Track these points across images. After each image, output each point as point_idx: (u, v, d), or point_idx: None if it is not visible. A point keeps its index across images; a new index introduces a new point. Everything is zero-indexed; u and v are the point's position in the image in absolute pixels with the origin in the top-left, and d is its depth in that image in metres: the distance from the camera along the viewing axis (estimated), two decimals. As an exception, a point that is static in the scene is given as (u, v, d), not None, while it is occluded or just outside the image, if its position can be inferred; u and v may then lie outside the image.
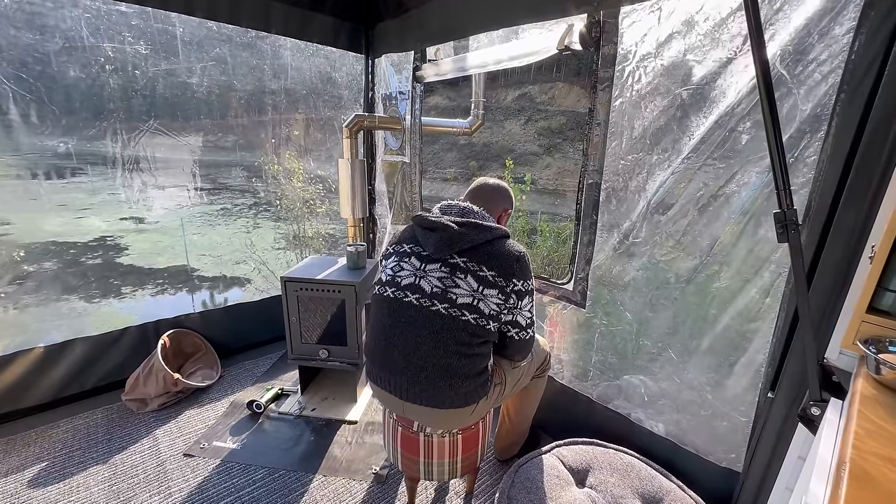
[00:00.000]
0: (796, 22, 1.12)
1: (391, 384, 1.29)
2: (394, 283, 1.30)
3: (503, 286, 1.23)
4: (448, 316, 1.20)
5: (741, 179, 1.28)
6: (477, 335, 1.23)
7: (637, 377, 1.65)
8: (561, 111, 23.90)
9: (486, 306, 1.22)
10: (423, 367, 1.22)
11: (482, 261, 1.23)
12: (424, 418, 1.34)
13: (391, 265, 1.34)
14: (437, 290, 1.22)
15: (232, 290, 2.81)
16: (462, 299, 1.21)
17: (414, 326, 1.23)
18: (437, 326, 1.21)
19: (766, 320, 1.28)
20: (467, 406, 1.28)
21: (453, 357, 1.21)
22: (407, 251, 1.33)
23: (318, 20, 2.45)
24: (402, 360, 1.25)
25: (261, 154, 2.75)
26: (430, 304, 1.22)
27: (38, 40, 1.82)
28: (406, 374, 1.25)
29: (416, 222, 1.33)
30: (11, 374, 1.93)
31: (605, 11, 1.47)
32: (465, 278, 1.22)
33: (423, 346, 1.22)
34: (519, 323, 1.32)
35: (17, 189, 1.94)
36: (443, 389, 1.23)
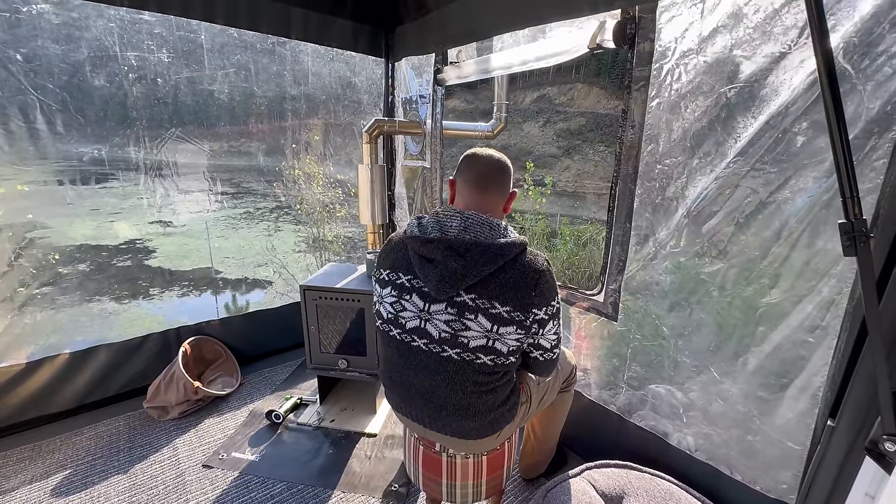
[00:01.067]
0: (863, 11, 1.01)
1: (412, 415, 1.22)
2: (398, 325, 1.13)
3: (521, 321, 1.05)
4: (461, 361, 1.07)
5: (796, 185, 1.16)
6: (496, 373, 1.11)
7: (674, 395, 1.54)
8: (580, 112, 23.54)
9: (504, 345, 1.06)
10: (443, 406, 1.14)
11: (493, 296, 1.03)
12: (449, 444, 1.27)
13: (390, 300, 1.14)
14: (446, 335, 1.06)
15: (254, 293, 2.82)
16: (475, 342, 1.05)
17: (426, 371, 1.12)
18: (450, 372, 1.09)
19: (825, 340, 1.16)
20: (493, 434, 1.21)
21: (472, 396, 1.11)
22: (406, 285, 1.11)
23: (337, 24, 2.42)
24: (420, 398, 1.16)
25: (281, 159, 2.74)
26: (440, 350, 1.08)
27: (65, 51, 1.84)
28: (426, 410, 1.17)
29: (412, 247, 1.10)
30: (38, 380, 1.96)
31: (641, 6, 1.37)
32: (475, 318, 1.04)
33: (439, 390, 1.12)
34: (542, 346, 1.17)
35: (55, 195, 1.99)
36: (466, 422, 1.15)
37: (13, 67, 1.73)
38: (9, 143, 1.78)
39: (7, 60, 1.72)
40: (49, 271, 1.98)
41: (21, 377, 1.91)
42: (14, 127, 1.78)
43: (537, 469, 1.75)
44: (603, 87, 23.39)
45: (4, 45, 1.70)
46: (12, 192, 1.85)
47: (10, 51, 1.72)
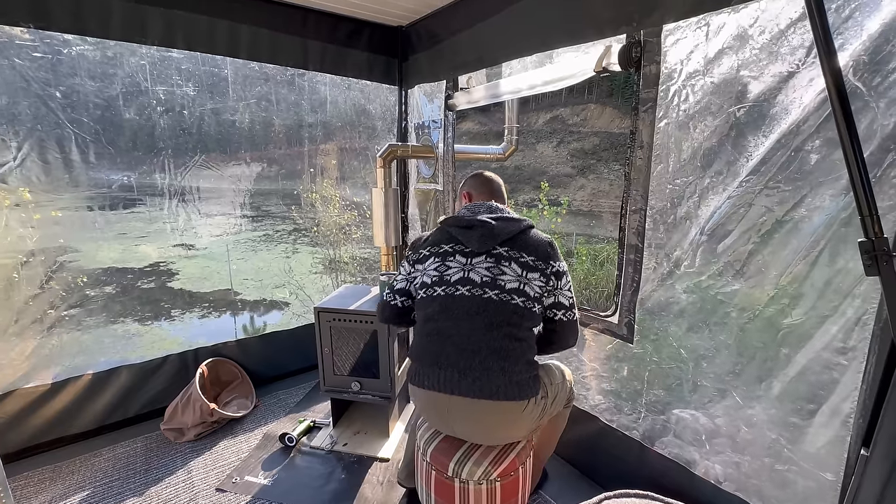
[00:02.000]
0: (870, 29, 1.01)
1: (441, 379, 1.28)
2: (443, 282, 1.35)
3: (543, 269, 1.33)
4: (500, 301, 1.28)
5: (812, 203, 1.14)
6: (525, 318, 1.30)
7: (696, 421, 1.48)
8: (594, 132, 23.61)
9: (532, 289, 1.31)
10: (477, 350, 1.26)
11: (521, 248, 1.35)
12: (473, 417, 1.29)
13: (433, 266, 1.39)
14: (487, 279, 1.31)
15: (271, 314, 2.86)
16: (510, 284, 1.30)
17: (468, 315, 1.29)
18: (490, 311, 1.28)
19: (853, 363, 1.11)
20: (520, 400, 1.27)
21: (506, 339, 1.26)
22: (448, 250, 1.39)
23: (352, 56, 2.53)
24: (455, 350, 1.28)
25: (299, 182, 2.82)
26: (481, 293, 1.30)
27: (100, 87, 1.97)
28: (459, 365, 1.26)
29: (453, 223, 1.42)
30: (62, 401, 2.01)
31: (645, 31, 1.40)
32: (509, 265, 1.32)
33: (477, 332, 1.27)
34: (562, 304, 1.38)
35: (85, 220, 2.09)
36: (497, 376, 1.25)
37: (52, 104, 1.86)
38: (45, 173, 1.89)
39: (48, 97, 1.85)
40: (77, 293, 2.06)
41: (46, 398, 1.97)
42: (51, 158, 1.90)
43: None
44: (616, 107, 23.48)
45: (46, 84, 1.83)
46: (47, 218, 1.95)
47: (50, 88, 1.85)
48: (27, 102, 1.81)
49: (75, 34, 1.82)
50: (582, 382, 1.84)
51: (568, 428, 1.87)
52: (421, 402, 1.38)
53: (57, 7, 1.72)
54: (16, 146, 1.81)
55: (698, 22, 1.28)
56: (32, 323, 1.95)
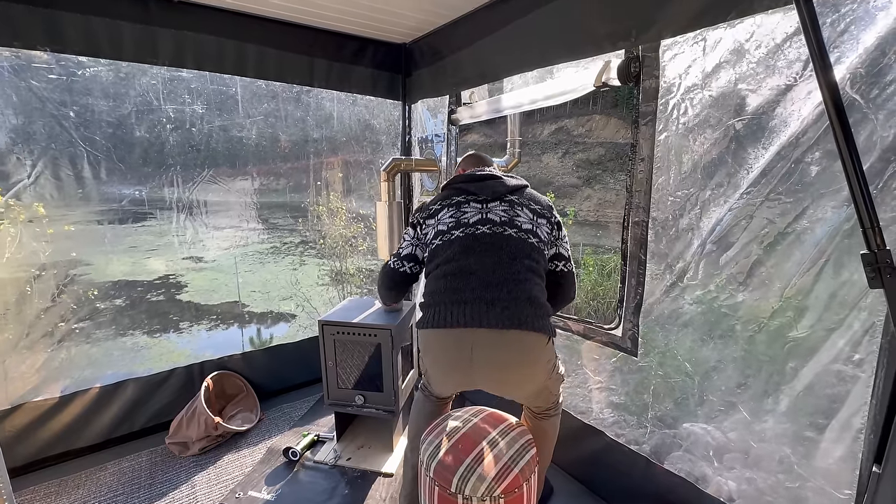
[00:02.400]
0: (866, 42, 1.01)
1: (466, 314, 1.26)
2: (460, 225, 1.40)
3: (549, 217, 1.46)
4: (518, 239, 1.36)
5: (814, 215, 1.13)
6: (542, 256, 1.39)
7: (703, 436, 1.45)
8: (599, 143, 23.64)
9: (542, 232, 1.41)
10: (504, 282, 1.29)
11: (529, 198, 1.47)
12: (499, 351, 1.28)
13: (448, 215, 1.44)
14: (505, 219, 1.39)
15: (278, 326, 2.87)
16: (525, 225, 1.40)
17: (491, 249, 1.34)
18: (512, 246, 1.35)
19: (862, 378, 1.09)
20: (545, 334, 1.29)
21: (528, 273, 1.32)
22: (461, 200, 1.46)
23: (357, 72, 2.58)
24: (481, 284, 1.29)
25: (306, 195, 2.86)
26: (502, 231, 1.37)
27: (112, 106, 2.03)
28: (485, 297, 1.27)
29: (461, 179, 1.52)
30: (69, 414, 2.03)
31: (643, 46, 1.42)
32: (522, 210, 1.43)
33: (503, 264, 1.31)
34: (563, 255, 1.49)
35: (96, 234, 2.13)
36: (524, 306, 1.26)
37: (66, 123, 1.92)
38: (58, 189, 1.94)
39: (62, 117, 1.90)
40: (87, 306, 2.09)
41: (54, 411, 1.99)
42: (63, 175, 1.95)
43: None
44: (620, 118, 23.52)
45: (61, 105, 1.89)
46: (60, 232, 1.99)
47: (64, 108, 1.91)
48: (42, 122, 1.87)
49: (89, 56, 1.88)
50: (587, 396, 1.82)
51: (574, 442, 1.84)
52: (437, 346, 1.36)
53: (71, 30, 1.78)
54: (30, 164, 1.86)
55: (695, 37, 1.30)
56: (43, 336, 1.98)
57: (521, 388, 1.39)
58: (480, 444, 1.42)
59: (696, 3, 1.26)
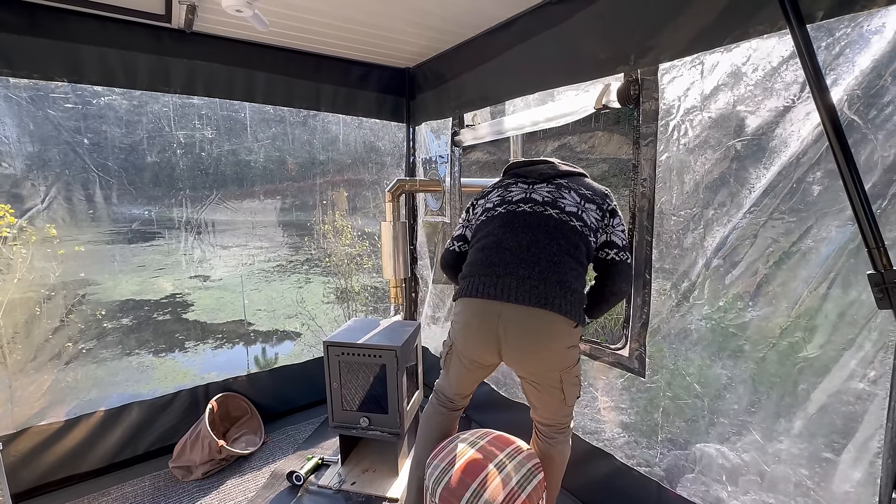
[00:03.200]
0: (862, 65, 1.03)
1: (498, 286, 1.32)
2: (504, 202, 1.46)
3: (600, 203, 1.42)
4: (559, 220, 1.37)
5: (818, 234, 1.13)
6: (582, 241, 1.36)
7: (717, 458, 1.41)
8: (602, 159, 23.75)
9: (589, 217, 1.39)
10: (537, 261, 1.32)
11: (580, 184, 1.47)
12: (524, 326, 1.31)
13: (496, 194, 1.52)
14: (549, 199, 1.41)
15: (283, 345, 2.87)
16: (569, 208, 1.39)
17: (529, 227, 1.37)
18: (550, 227, 1.36)
19: (876, 399, 1.07)
20: (571, 318, 1.29)
21: (565, 256, 1.32)
22: (510, 182, 1.54)
23: (363, 96, 2.65)
24: (514, 260, 1.33)
25: (312, 214, 2.90)
26: (542, 210, 1.39)
27: (125, 133, 2.09)
28: (517, 273, 1.31)
29: (519, 164, 1.61)
30: (74, 439, 2.02)
31: (642, 70, 1.45)
32: (569, 193, 1.43)
33: (539, 243, 1.34)
34: (615, 243, 1.42)
35: (105, 253, 2.15)
36: (554, 288, 1.29)
37: (80, 150, 1.98)
38: (70, 214, 1.99)
39: (76, 144, 1.96)
40: (95, 327, 2.11)
41: (58, 435, 1.98)
42: (76, 200, 1.99)
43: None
44: (623, 134, 23.65)
45: (76, 132, 1.95)
46: (70, 253, 2.02)
47: (79, 136, 1.97)
48: (57, 149, 1.93)
49: (105, 86, 1.95)
50: (596, 418, 1.79)
51: (583, 466, 1.80)
52: (466, 314, 1.40)
53: (88, 62, 1.85)
54: (44, 190, 1.91)
55: (692, 61, 1.32)
56: (51, 359, 1.99)
57: (539, 363, 1.38)
58: (487, 467, 1.40)
59: (692, 29, 1.29)
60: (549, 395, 1.44)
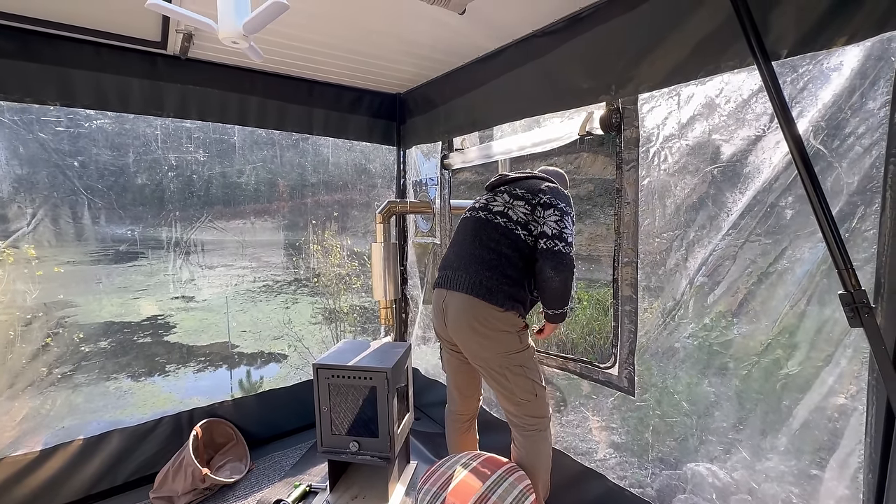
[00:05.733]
0: (824, 99, 1.11)
1: (445, 278, 1.68)
2: (471, 209, 1.78)
3: (529, 199, 1.62)
4: (485, 220, 1.66)
5: (793, 255, 1.19)
6: (506, 236, 1.60)
7: (708, 477, 1.43)
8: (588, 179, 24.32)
9: (515, 213, 1.62)
10: (470, 259, 1.62)
11: (519, 186, 1.70)
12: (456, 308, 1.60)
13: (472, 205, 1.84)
14: (483, 204, 1.74)
15: (269, 367, 2.81)
16: (496, 208, 1.67)
17: (468, 231, 1.71)
18: (479, 227, 1.66)
19: (854, 415, 1.10)
20: (495, 305, 1.54)
21: (486, 250, 1.60)
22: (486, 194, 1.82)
23: (354, 121, 2.70)
24: (457, 258, 1.68)
25: (302, 234, 2.90)
26: (489, 218, 1.67)
27: (115, 156, 2.09)
28: (456, 269, 1.64)
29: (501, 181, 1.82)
30: (49, 469, 1.93)
31: (623, 99, 1.52)
32: (501, 196, 1.70)
33: (471, 242, 1.66)
34: (545, 233, 1.55)
35: (86, 274, 2.11)
36: (475, 278, 1.57)
37: (70, 172, 1.97)
38: (56, 237, 1.96)
39: (66, 167, 1.96)
40: (73, 351, 2.04)
41: (33, 466, 1.90)
42: (63, 223, 1.97)
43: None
44: (608, 155, 24.25)
45: (66, 155, 1.95)
46: (49, 274, 1.97)
47: (69, 158, 1.96)
48: (46, 172, 1.92)
49: (97, 109, 1.96)
50: (587, 438, 1.79)
51: (574, 489, 1.80)
52: (433, 300, 1.77)
53: (81, 86, 1.87)
54: (31, 213, 1.89)
55: (669, 92, 1.40)
56: (28, 386, 1.92)
57: (473, 342, 1.61)
58: (479, 489, 1.39)
59: (668, 63, 1.37)
60: (497, 384, 1.64)
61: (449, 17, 1.65)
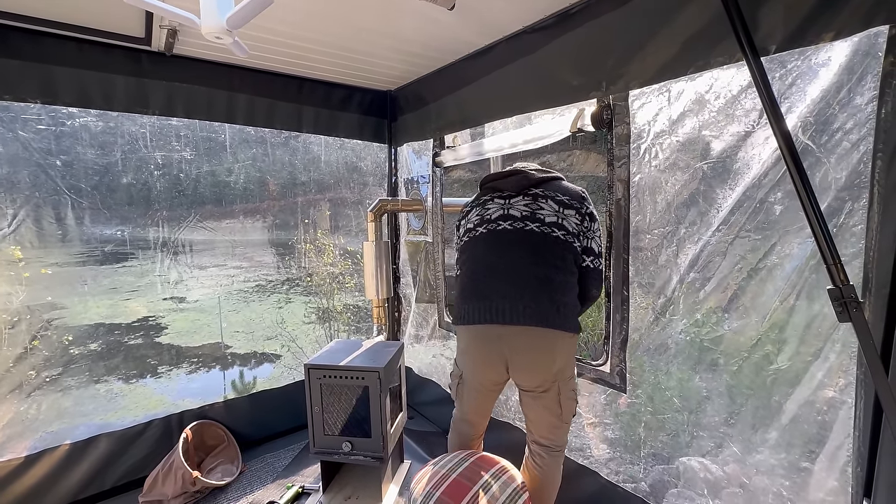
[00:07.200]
0: (812, 94, 1.11)
1: (491, 312, 1.36)
2: (483, 222, 1.46)
3: (578, 208, 1.45)
4: (541, 233, 1.39)
5: (782, 251, 1.19)
6: (567, 250, 1.40)
7: (700, 471, 1.43)
8: (581, 176, 24.45)
9: (569, 224, 1.42)
10: (526, 282, 1.35)
11: (557, 189, 1.47)
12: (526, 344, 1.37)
13: (475, 214, 1.52)
14: (527, 213, 1.42)
15: (262, 367, 2.79)
16: (549, 218, 1.41)
17: (512, 247, 1.39)
18: (533, 242, 1.38)
19: (843, 409, 1.11)
20: (567, 331, 1.36)
21: (552, 269, 1.36)
22: (487, 198, 1.52)
23: (344, 118, 2.68)
24: (504, 283, 1.37)
25: (294, 233, 2.87)
26: (523, 226, 1.40)
27: (99, 154, 2.05)
28: (509, 295, 1.35)
29: (493, 176, 1.57)
30: (34, 476, 1.90)
31: (614, 96, 1.52)
32: (546, 202, 1.44)
33: (524, 261, 1.36)
34: (593, 249, 1.46)
35: (74, 275, 2.07)
36: (546, 305, 1.33)
37: (52, 172, 1.93)
38: (39, 238, 1.92)
39: (48, 166, 1.91)
40: (61, 354, 2.01)
41: (17, 473, 1.86)
42: (45, 224, 1.93)
43: None
44: (600, 153, 24.35)
45: (47, 154, 1.91)
46: (36, 275, 1.93)
47: (51, 157, 1.92)
48: (27, 171, 1.87)
49: (80, 107, 1.92)
50: (580, 435, 1.79)
51: (567, 485, 1.80)
52: (466, 341, 1.48)
53: (63, 84, 1.82)
54: (12, 213, 1.84)
55: (660, 88, 1.40)
56: (13, 390, 1.88)
57: (544, 374, 1.41)
58: (472, 488, 1.38)
59: (657, 60, 1.36)
60: (547, 410, 1.46)
61: (439, 14, 1.64)
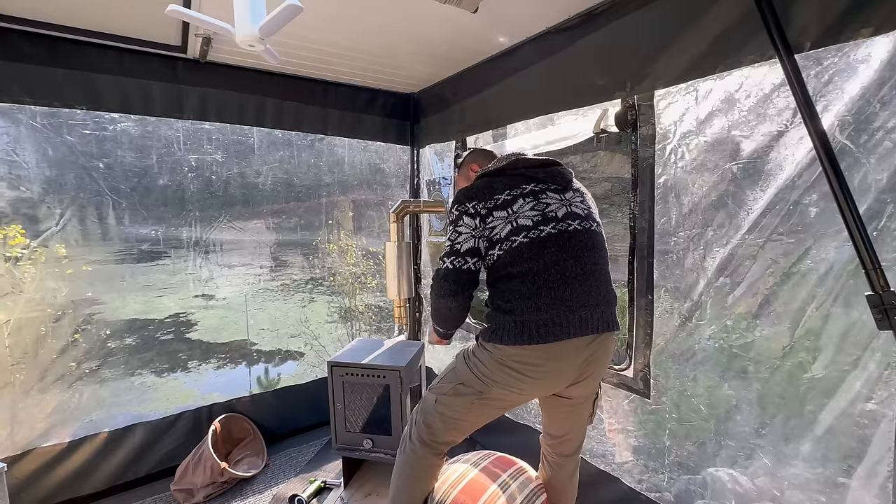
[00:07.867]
0: (851, 92, 1.07)
1: (582, 323, 1.18)
2: (548, 220, 1.22)
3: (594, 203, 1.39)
4: (598, 233, 1.31)
5: (817, 255, 1.15)
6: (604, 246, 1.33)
7: (728, 483, 1.39)
8: (605, 178, 23.91)
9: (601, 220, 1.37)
10: (598, 286, 1.24)
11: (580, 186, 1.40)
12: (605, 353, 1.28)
13: (528, 206, 1.23)
14: (585, 213, 1.30)
15: (286, 364, 2.86)
16: (597, 216, 1.35)
17: (586, 250, 1.24)
18: (599, 244, 1.29)
19: (883, 422, 1.06)
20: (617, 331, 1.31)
21: (607, 268, 1.31)
22: (535, 189, 1.26)
23: (368, 121, 2.73)
24: (584, 288, 1.20)
25: (318, 234, 2.94)
26: (589, 226, 1.28)
27: (138, 157, 2.16)
28: (589, 302, 1.21)
29: (522, 164, 1.31)
30: (77, 460, 2.01)
31: (639, 96, 1.49)
32: (585, 199, 1.35)
33: (599, 266, 1.26)
34: None
35: (113, 272, 2.18)
36: (613, 307, 1.29)
37: (95, 174, 2.04)
38: (83, 236, 2.04)
39: (91, 168, 2.03)
40: (100, 347, 2.12)
41: (62, 457, 1.97)
42: (89, 223, 2.05)
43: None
44: (625, 154, 23.72)
45: (91, 157, 2.02)
46: (79, 272, 2.05)
47: (94, 160, 2.03)
48: (73, 173, 1.99)
49: (121, 113, 2.02)
50: (602, 441, 1.77)
51: (589, 491, 1.77)
52: (539, 359, 1.19)
53: (106, 91, 1.93)
54: (59, 213, 1.97)
55: (687, 88, 1.37)
56: (56, 380, 2.00)
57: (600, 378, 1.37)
58: (490, 488, 1.38)
59: (685, 58, 1.33)
60: (582, 417, 1.42)
61: (462, 16, 1.65)
